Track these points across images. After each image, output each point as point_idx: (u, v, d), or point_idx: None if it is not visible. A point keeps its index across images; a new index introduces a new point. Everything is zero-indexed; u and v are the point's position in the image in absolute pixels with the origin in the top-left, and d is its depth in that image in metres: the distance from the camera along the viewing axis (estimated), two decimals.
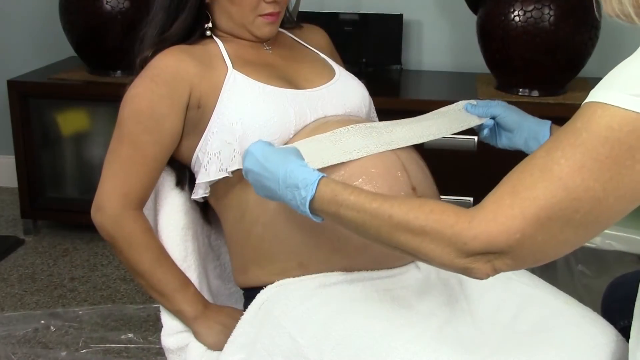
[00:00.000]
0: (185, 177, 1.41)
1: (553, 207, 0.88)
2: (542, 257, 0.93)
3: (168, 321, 1.37)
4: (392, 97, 2.63)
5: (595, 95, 0.88)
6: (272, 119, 1.29)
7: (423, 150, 1.38)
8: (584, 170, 0.86)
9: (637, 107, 0.84)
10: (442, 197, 1.36)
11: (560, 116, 2.45)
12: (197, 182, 1.34)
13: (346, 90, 1.42)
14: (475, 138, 2.46)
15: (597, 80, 0.89)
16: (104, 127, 2.75)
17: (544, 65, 2.43)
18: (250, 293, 1.32)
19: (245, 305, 1.31)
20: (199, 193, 1.35)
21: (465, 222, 0.92)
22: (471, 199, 2.47)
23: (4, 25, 3.18)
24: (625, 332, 1.17)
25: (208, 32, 1.39)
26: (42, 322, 2.28)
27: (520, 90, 2.51)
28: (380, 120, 1.52)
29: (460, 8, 2.64)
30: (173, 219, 1.39)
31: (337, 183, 1.04)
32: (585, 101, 0.89)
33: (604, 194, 0.86)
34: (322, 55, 1.50)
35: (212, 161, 1.30)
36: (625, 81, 0.86)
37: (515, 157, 1.38)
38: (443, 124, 1.34)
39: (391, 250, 1.01)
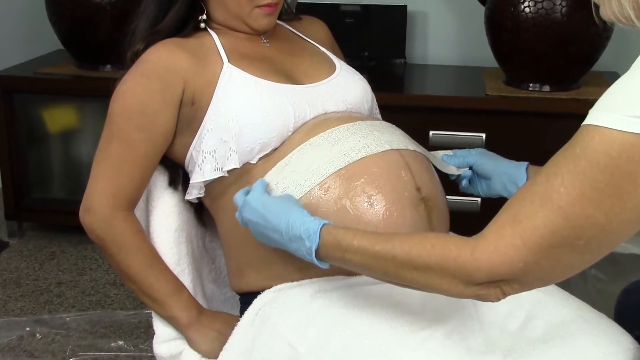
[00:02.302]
0: (178, 176, 1.41)
1: (554, 235, 0.91)
2: (549, 280, 0.97)
3: (160, 328, 1.37)
4: (396, 93, 2.63)
5: (593, 117, 0.90)
6: (269, 116, 1.29)
7: (429, 150, 1.39)
8: (584, 198, 0.89)
9: (635, 129, 0.85)
10: (448, 197, 1.36)
11: (572, 112, 2.47)
12: (191, 182, 1.35)
13: (347, 86, 1.42)
14: (483, 136, 2.47)
15: (612, 74, 0.89)
16: (93, 124, 2.76)
17: (556, 58, 2.43)
18: (246, 298, 1.33)
19: (242, 311, 1.32)
20: (193, 193, 1.35)
21: (467, 254, 0.95)
22: (478, 199, 2.47)
23: None
24: None
25: (202, 25, 1.39)
26: (27, 329, 2.28)
27: (531, 85, 2.52)
28: (383, 117, 1.53)
29: None
30: (166, 220, 1.39)
31: (339, 229, 1.09)
32: (584, 123, 0.91)
33: (606, 220, 0.89)
34: (322, 49, 1.50)
35: (206, 160, 1.30)
36: (624, 102, 0.88)
37: (523, 157, 1.40)
38: (431, 156, 1.39)
39: (401, 286, 1.05)
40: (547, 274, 0.95)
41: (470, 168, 1.43)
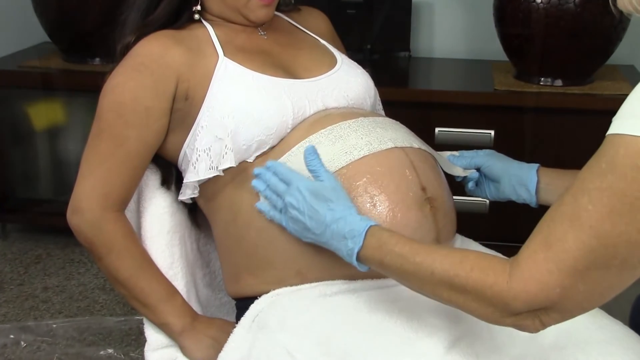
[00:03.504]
0: (171, 176, 1.41)
1: (588, 256, 0.91)
2: (589, 305, 0.97)
3: (152, 335, 1.38)
4: (400, 88, 2.63)
5: (617, 126, 0.90)
6: (267, 112, 1.29)
7: (434, 147, 1.40)
8: (613, 215, 0.89)
9: None
10: (455, 197, 1.37)
11: (586, 108, 2.46)
12: (184, 181, 1.35)
13: (349, 80, 1.42)
14: (492, 133, 2.47)
15: (628, 68, 0.89)
16: (81, 121, 2.76)
17: (569, 51, 2.43)
18: (243, 303, 1.33)
19: (238, 317, 1.32)
20: (187, 193, 1.35)
21: (503, 283, 0.96)
22: (487, 200, 2.47)
23: None
24: None
25: (196, 16, 1.40)
26: (12, 336, 2.28)
27: (542, 79, 2.52)
28: (386, 113, 1.53)
29: None
30: (158, 222, 1.40)
31: (384, 231, 1.10)
32: (608, 133, 0.91)
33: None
34: (323, 42, 1.50)
35: (201, 158, 1.31)
36: None
37: (530, 156, 1.40)
38: (437, 155, 1.39)
39: (437, 300, 1.07)
40: (586, 298, 0.95)
41: (478, 170, 1.44)
